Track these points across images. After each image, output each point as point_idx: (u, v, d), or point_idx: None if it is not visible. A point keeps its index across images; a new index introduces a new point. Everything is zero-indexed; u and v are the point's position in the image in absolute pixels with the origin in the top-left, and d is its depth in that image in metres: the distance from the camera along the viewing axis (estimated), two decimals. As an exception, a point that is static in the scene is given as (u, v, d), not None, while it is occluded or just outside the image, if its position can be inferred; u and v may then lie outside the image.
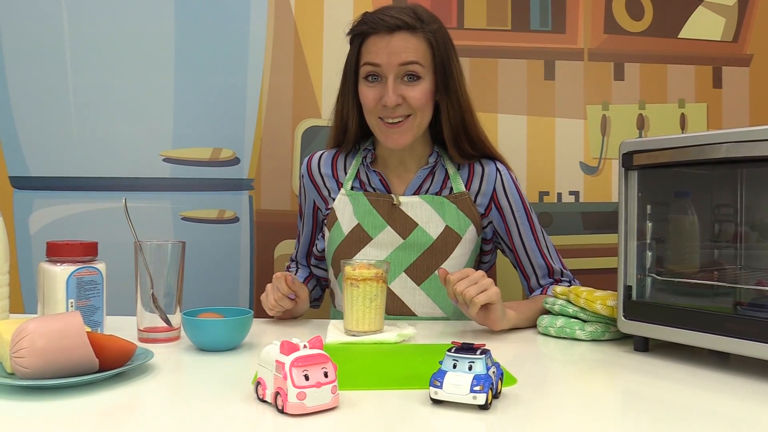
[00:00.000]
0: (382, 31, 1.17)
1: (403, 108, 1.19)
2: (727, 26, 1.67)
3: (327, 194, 1.33)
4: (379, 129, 1.22)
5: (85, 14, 1.57)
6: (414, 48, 1.18)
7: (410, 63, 1.17)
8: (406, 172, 1.30)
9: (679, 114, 1.66)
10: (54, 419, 0.66)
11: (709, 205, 1.04)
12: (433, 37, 1.19)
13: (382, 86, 1.19)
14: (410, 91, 1.18)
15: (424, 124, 1.23)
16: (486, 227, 1.31)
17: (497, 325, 1.08)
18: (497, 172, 1.29)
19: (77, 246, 0.99)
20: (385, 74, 1.18)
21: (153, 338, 1.01)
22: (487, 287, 1.04)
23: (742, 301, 0.94)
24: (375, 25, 1.18)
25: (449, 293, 1.06)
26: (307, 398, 0.67)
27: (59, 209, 1.58)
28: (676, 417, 0.69)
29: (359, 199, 1.28)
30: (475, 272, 1.06)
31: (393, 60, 1.17)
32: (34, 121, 1.58)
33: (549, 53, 1.64)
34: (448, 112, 1.23)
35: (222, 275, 1.60)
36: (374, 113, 1.21)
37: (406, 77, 1.19)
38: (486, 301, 1.03)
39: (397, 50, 1.17)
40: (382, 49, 1.17)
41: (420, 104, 1.19)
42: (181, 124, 1.59)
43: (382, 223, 1.25)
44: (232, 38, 1.59)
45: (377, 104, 1.19)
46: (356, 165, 1.32)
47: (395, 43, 1.17)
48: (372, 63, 1.19)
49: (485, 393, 0.68)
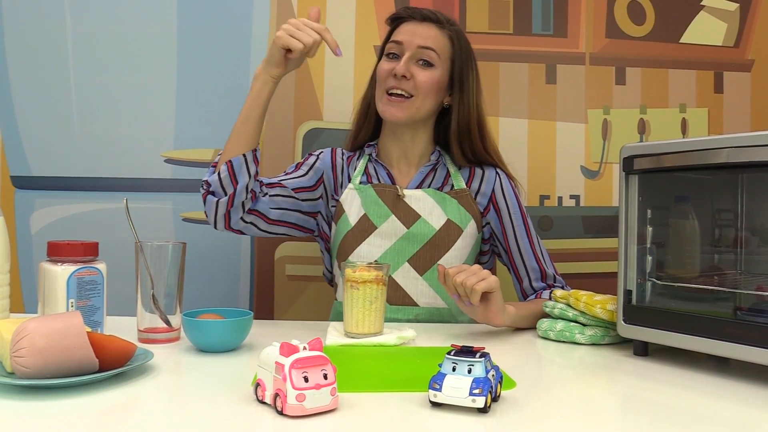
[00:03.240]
0: (415, 19, 1.29)
1: (410, 84, 1.25)
2: (729, 31, 1.67)
3: (339, 182, 1.35)
4: (381, 100, 1.28)
5: (88, 14, 1.58)
6: (435, 37, 1.27)
7: (428, 48, 1.25)
8: (408, 166, 1.34)
9: (680, 119, 1.67)
10: (53, 419, 0.66)
11: (709, 209, 1.05)
12: (455, 36, 1.29)
13: (398, 62, 1.25)
14: (420, 73, 1.25)
15: (422, 110, 1.27)
16: (484, 227, 1.33)
17: (498, 317, 1.09)
18: (497, 175, 1.34)
19: (78, 246, 0.99)
20: (403, 51, 1.26)
21: (153, 339, 1.02)
22: (486, 276, 1.06)
23: (742, 306, 0.94)
24: (412, 13, 1.29)
25: (448, 288, 1.07)
26: (307, 400, 0.67)
27: (60, 209, 1.58)
28: (676, 421, 0.69)
29: (366, 191, 1.30)
30: (472, 266, 1.08)
31: (414, 41, 1.26)
32: (36, 120, 1.58)
33: (550, 57, 1.64)
34: (459, 114, 1.29)
35: (222, 276, 1.60)
36: (383, 84, 1.27)
37: (420, 61, 1.26)
38: (486, 289, 1.04)
39: (421, 34, 1.26)
40: (408, 31, 1.27)
41: (425, 88, 1.25)
42: (183, 124, 1.59)
43: (387, 213, 1.28)
44: (234, 39, 1.60)
45: (389, 76, 1.26)
46: (364, 161, 1.35)
47: (421, 29, 1.27)
48: (396, 41, 1.28)
49: (484, 396, 0.68)
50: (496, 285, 1.06)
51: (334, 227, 1.33)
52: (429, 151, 1.34)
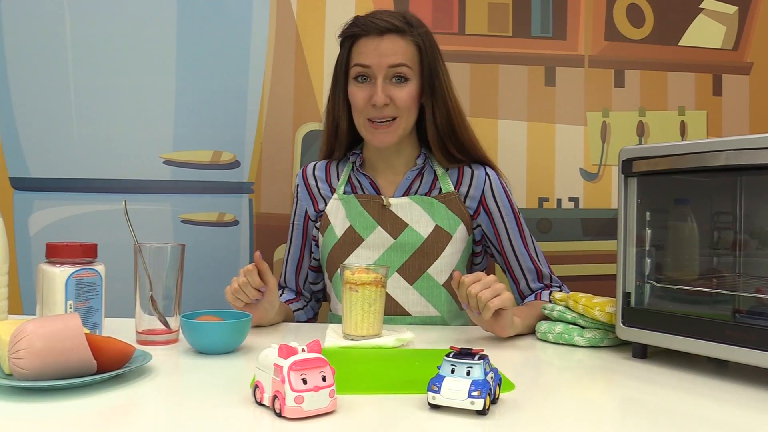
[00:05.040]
0: (372, 34, 1.21)
1: (390, 109, 1.22)
2: (728, 34, 1.67)
3: (320, 199, 1.34)
4: (366, 129, 1.25)
5: (87, 16, 1.58)
6: (403, 50, 1.21)
7: (399, 65, 1.21)
8: (395, 174, 1.32)
9: (679, 121, 1.67)
10: (51, 421, 0.66)
11: (708, 212, 1.05)
12: (421, 41, 1.23)
13: (372, 86, 1.22)
14: (398, 92, 1.22)
15: (408, 125, 1.26)
16: (475, 229, 1.32)
17: (505, 331, 1.07)
18: (486, 176, 1.31)
19: (77, 247, 0.99)
20: (374, 75, 1.21)
21: (151, 340, 1.01)
22: (501, 292, 1.03)
23: (740, 308, 0.94)
24: (366, 28, 1.21)
25: (461, 296, 1.05)
26: (305, 402, 0.67)
27: (59, 210, 1.58)
28: (674, 424, 0.69)
29: (351, 202, 1.29)
30: (488, 276, 1.05)
31: (383, 61, 1.20)
32: (35, 122, 1.58)
33: (550, 59, 1.64)
34: (435, 114, 1.26)
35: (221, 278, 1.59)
36: (363, 113, 1.24)
37: (394, 78, 1.22)
38: (500, 306, 1.02)
39: (387, 52, 1.20)
40: (372, 51, 1.21)
41: (406, 105, 1.23)
42: (182, 126, 1.59)
43: (373, 224, 1.26)
44: (233, 41, 1.60)
45: (367, 104, 1.22)
46: (347, 171, 1.34)
47: (385, 45, 1.21)
48: (362, 64, 1.22)
49: (483, 398, 0.68)
50: (510, 303, 1.04)
51: (321, 238, 1.32)
52: (415, 155, 1.32)
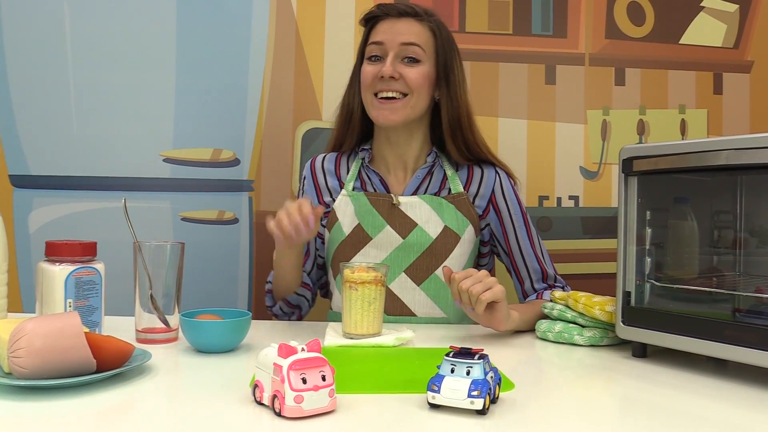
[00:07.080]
0: (391, 16, 1.25)
1: (400, 84, 1.22)
2: (728, 33, 1.67)
3: (326, 192, 1.33)
4: (372, 105, 1.24)
5: (87, 13, 1.57)
6: (417, 32, 1.23)
7: (411, 44, 1.22)
8: (404, 172, 1.31)
9: (679, 120, 1.67)
10: (51, 420, 0.66)
11: (708, 211, 1.04)
12: (437, 28, 1.26)
13: (383, 64, 1.22)
14: (409, 71, 1.22)
15: (417, 108, 1.25)
16: (483, 229, 1.31)
17: (502, 325, 1.07)
18: (496, 175, 1.31)
19: (76, 246, 0.99)
20: (386, 52, 1.22)
21: (151, 339, 1.01)
22: (492, 285, 1.04)
23: (740, 307, 0.94)
24: (387, 11, 1.25)
25: (453, 292, 1.05)
26: (305, 401, 0.67)
27: (59, 208, 1.58)
28: (674, 423, 0.69)
29: (360, 199, 1.28)
30: (478, 272, 1.06)
31: (396, 39, 1.22)
32: (35, 119, 1.58)
33: (550, 58, 1.64)
34: (448, 107, 1.26)
35: (221, 276, 1.60)
36: (370, 88, 1.24)
37: (406, 59, 1.23)
38: (492, 299, 1.03)
39: (401, 31, 1.23)
40: (387, 30, 1.24)
41: (417, 84, 1.22)
42: (182, 124, 1.59)
43: (382, 223, 1.26)
44: (233, 39, 1.59)
45: (375, 79, 1.23)
46: (357, 166, 1.33)
47: (400, 24, 1.23)
48: (376, 41, 1.24)
49: (483, 398, 0.68)
50: (502, 295, 1.04)
51: (327, 234, 1.31)
52: (425, 152, 1.31)
